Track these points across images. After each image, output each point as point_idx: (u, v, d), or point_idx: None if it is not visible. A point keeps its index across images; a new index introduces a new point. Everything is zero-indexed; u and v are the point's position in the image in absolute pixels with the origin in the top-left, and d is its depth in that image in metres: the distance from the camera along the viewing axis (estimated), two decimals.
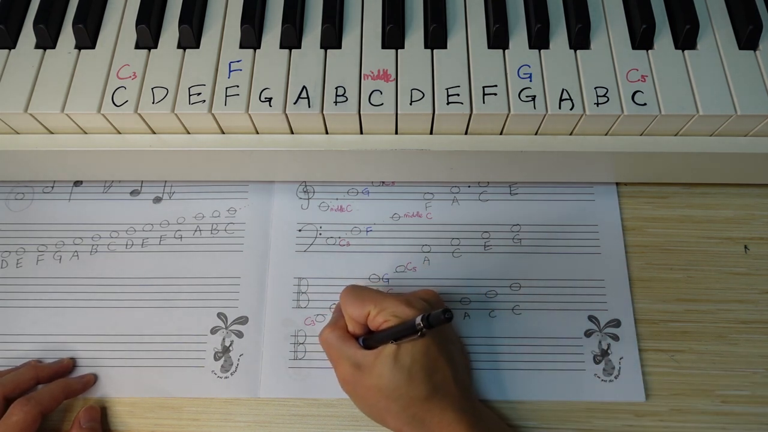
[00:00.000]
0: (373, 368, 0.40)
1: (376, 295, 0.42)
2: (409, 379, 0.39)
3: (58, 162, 0.47)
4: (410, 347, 0.39)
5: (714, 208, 0.51)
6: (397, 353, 0.39)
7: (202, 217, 0.52)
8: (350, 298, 0.43)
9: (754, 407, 0.45)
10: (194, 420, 0.46)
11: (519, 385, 0.46)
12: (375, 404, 0.40)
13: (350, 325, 0.43)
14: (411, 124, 0.43)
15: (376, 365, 0.40)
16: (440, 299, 0.45)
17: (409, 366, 0.39)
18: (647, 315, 0.48)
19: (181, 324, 0.48)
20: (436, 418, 0.39)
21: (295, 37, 0.44)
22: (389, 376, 0.39)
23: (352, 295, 0.43)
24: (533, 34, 0.43)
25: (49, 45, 0.44)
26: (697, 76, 0.42)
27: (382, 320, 0.40)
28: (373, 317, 0.41)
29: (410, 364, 0.39)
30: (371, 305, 0.41)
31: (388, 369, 0.39)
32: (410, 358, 0.39)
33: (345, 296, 0.43)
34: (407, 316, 0.40)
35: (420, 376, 0.39)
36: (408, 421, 0.39)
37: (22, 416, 0.41)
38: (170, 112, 0.42)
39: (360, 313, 0.42)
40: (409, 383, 0.39)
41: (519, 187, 0.52)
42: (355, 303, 0.42)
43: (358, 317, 0.42)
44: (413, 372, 0.39)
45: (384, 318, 0.40)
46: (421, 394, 0.39)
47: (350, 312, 0.42)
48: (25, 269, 0.50)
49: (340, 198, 0.52)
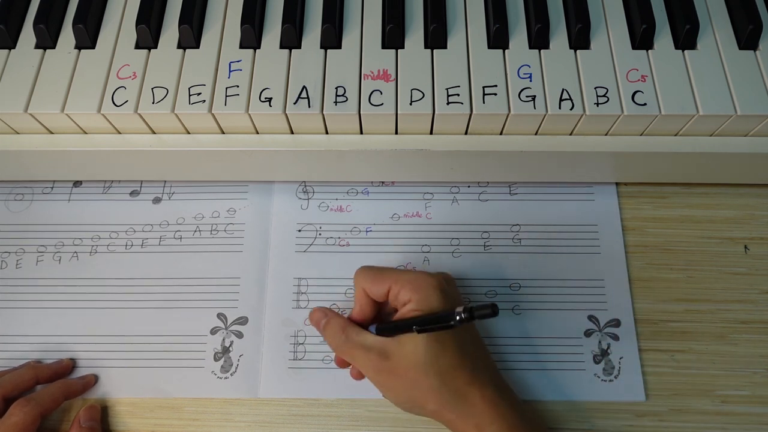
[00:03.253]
0: (403, 349, 0.39)
1: (394, 271, 0.42)
2: (444, 350, 0.38)
3: (58, 162, 0.46)
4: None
5: (714, 208, 0.51)
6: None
7: (201, 217, 0.51)
8: (369, 275, 0.42)
9: (754, 407, 0.45)
10: (194, 420, 0.46)
11: (519, 385, 0.46)
12: (411, 386, 0.39)
13: (360, 306, 0.42)
14: (411, 124, 0.43)
15: (405, 345, 0.39)
16: (455, 283, 0.44)
17: (444, 340, 0.39)
18: (647, 315, 0.48)
19: (181, 324, 0.48)
20: (477, 392, 0.38)
21: (295, 37, 0.44)
22: (423, 350, 0.38)
23: (371, 272, 0.42)
24: (533, 34, 0.43)
25: (49, 45, 0.44)
26: (697, 76, 0.42)
27: (406, 299, 0.40)
28: (396, 293, 0.41)
29: (444, 338, 0.39)
30: (391, 281, 0.41)
31: (422, 344, 0.38)
32: (446, 335, 0.39)
33: (362, 274, 0.42)
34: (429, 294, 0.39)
35: (455, 347, 0.39)
36: (450, 398, 0.38)
37: (21, 417, 0.41)
38: (170, 112, 0.42)
39: (379, 289, 0.41)
40: (445, 354, 0.38)
41: (519, 187, 0.52)
42: (375, 278, 0.41)
43: (377, 293, 0.41)
44: (447, 344, 0.39)
45: (407, 295, 0.40)
46: (459, 363, 0.39)
47: (369, 288, 0.42)
48: (24, 270, 0.50)
49: (340, 198, 0.52)
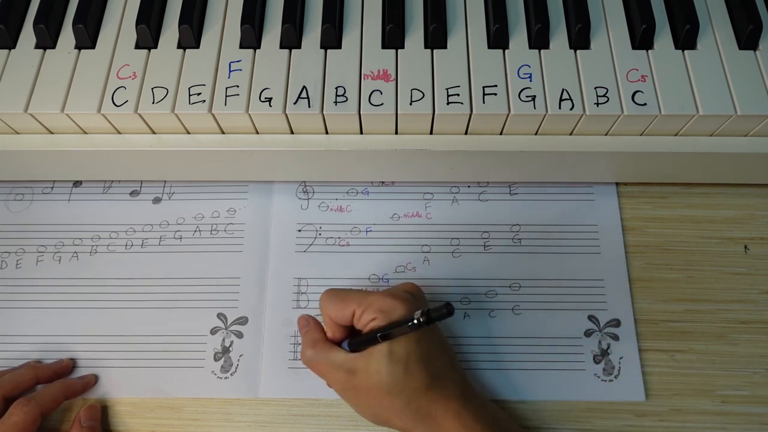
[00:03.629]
0: (368, 368, 0.39)
1: (358, 293, 0.42)
2: (406, 371, 0.38)
3: (58, 162, 0.47)
4: (403, 341, 0.39)
5: (714, 208, 0.51)
6: (390, 349, 0.39)
7: (201, 217, 0.51)
8: (332, 301, 0.42)
9: (754, 407, 0.45)
10: (194, 420, 0.46)
11: (519, 385, 0.46)
12: (377, 405, 0.40)
13: (330, 330, 0.43)
14: (411, 124, 0.43)
15: (370, 364, 0.39)
16: (422, 293, 0.44)
17: (405, 358, 0.39)
18: (647, 315, 0.48)
19: (181, 324, 0.48)
20: (441, 408, 0.39)
21: (295, 37, 0.44)
22: (387, 371, 0.38)
23: (334, 298, 0.42)
24: (533, 34, 0.43)
25: (49, 45, 0.44)
26: (697, 76, 0.42)
27: (369, 318, 0.40)
28: (359, 316, 0.40)
29: (406, 356, 0.39)
30: (354, 304, 0.41)
31: (385, 365, 0.39)
32: (405, 350, 0.39)
33: (326, 299, 0.42)
34: (394, 309, 0.39)
35: (418, 366, 0.39)
36: (413, 416, 0.39)
37: (21, 417, 0.41)
38: (170, 112, 0.42)
39: (343, 315, 0.41)
40: (408, 375, 0.38)
41: (519, 187, 0.52)
42: (337, 305, 0.41)
43: (342, 319, 0.41)
44: (410, 363, 0.39)
45: (371, 315, 0.40)
46: (422, 384, 0.39)
47: (333, 314, 0.42)
48: (24, 270, 0.50)
49: (340, 198, 0.52)
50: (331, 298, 0.42)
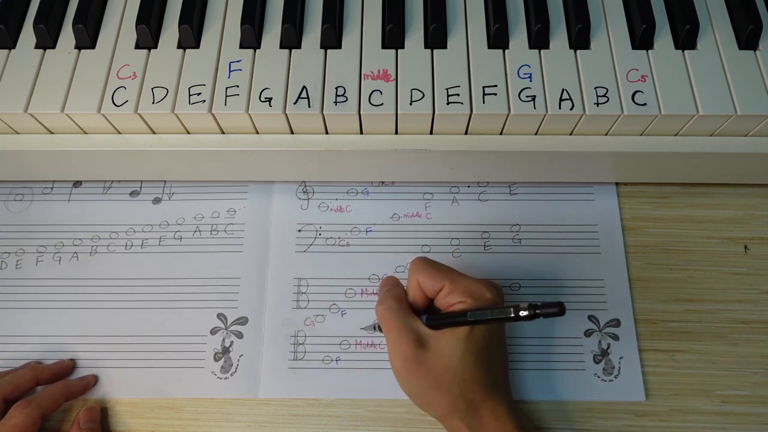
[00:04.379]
0: (440, 348, 0.39)
1: (452, 271, 0.41)
2: (475, 363, 0.38)
3: (58, 162, 0.46)
4: (482, 334, 0.39)
5: (714, 208, 0.51)
6: (470, 335, 0.38)
7: (201, 217, 0.51)
8: (426, 268, 0.41)
9: (754, 407, 0.45)
10: (194, 420, 0.46)
11: (519, 385, 0.46)
12: (432, 386, 0.39)
13: (413, 296, 0.42)
14: (411, 124, 0.43)
15: (443, 346, 0.39)
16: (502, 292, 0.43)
17: (479, 351, 0.39)
18: (647, 315, 0.48)
19: (181, 325, 0.48)
20: (489, 407, 0.39)
21: (295, 37, 0.44)
22: (458, 357, 0.38)
23: (430, 267, 0.41)
24: (533, 34, 0.43)
25: (49, 45, 0.44)
26: (697, 76, 0.42)
27: (456, 300, 0.39)
28: (446, 293, 0.40)
29: (481, 349, 0.39)
30: (447, 280, 0.40)
31: (460, 351, 0.38)
32: (483, 343, 0.39)
33: (421, 265, 0.42)
34: (482, 296, 0.39)
35: (486, 361, 0.39)
36: (462, 408, 0.38)
37: (22, 419, 0.41)
38: (170, 112, 0.42)
39: (433, 285, 0.41)
40: (475, 367, 0.38)
41: (519, 187, 0.52)
42: (431, 273, 0.41)
43: (430, 288, 0.41)
44: (481, 356, 0.39)
45: (459, 297, 0.39)
46: (482, 379, 0.39)
47: (423, 282, 0.41)
48: (24, 270, 0.50)
49: (340, 198, 0.52)
50: (427, 266, 0.42)
